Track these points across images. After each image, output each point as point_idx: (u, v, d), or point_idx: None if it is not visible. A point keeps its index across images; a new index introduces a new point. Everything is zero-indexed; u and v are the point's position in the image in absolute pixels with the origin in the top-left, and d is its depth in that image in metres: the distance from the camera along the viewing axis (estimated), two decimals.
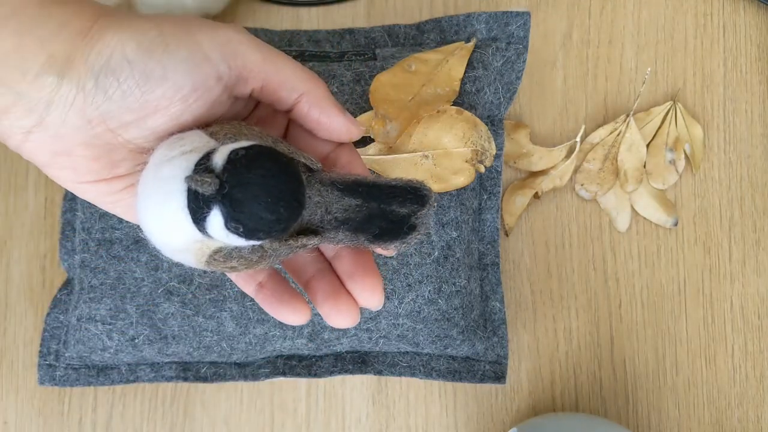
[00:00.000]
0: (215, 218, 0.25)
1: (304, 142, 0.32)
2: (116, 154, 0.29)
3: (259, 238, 0.26)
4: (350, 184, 0.29)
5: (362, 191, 0.29)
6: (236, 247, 0.27)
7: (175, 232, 0.27)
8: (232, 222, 0.25)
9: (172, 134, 0.28)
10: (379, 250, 0.31)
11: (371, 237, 0.29)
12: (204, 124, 0.29)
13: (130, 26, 0.27)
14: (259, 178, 0.25)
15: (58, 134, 0.28)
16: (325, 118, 0.31)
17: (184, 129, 0.29)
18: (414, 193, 0.29)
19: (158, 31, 0.27)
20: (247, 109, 0.32)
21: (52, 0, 0.27)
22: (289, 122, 0.33)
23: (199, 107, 0.28)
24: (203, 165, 0.26)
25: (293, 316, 0.31)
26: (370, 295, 0.30)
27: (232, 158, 0.25)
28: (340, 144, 0.32)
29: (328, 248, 0.32)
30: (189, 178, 0.25)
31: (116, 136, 0.28)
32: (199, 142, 0.27)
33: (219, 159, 0.26)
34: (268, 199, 0.25)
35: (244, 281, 0.32)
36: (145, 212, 0.27)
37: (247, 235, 0.26)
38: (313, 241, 0.29)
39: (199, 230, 0.26)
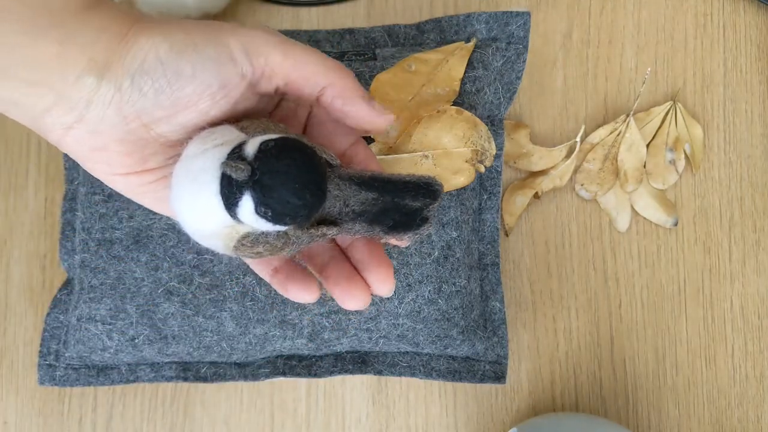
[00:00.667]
0: (246, 203, 0.27)
1: (322, 139, 0.34)
2: (148, 148, 0.31)
3: (285, 223, 0.28)
4: (367, 179, 0.31)
5: (378, 186, 0.31)
6: (263, 233, 0.29)
7: (207, 218, 0.29)
8: (262, 206, 0.27)
9: (201, 128, 0.30)
10: (393, 241, 0.32)
11: (386, 228, 0.31)
12: (233, 120, 0.31)
13: (162, 30, 0.29)
14: (287, 167, 0.27)
15: (96, 130, 0.30)
16: (349, 107, 0.32)
17: (212, 124, 0.31)
18: (426, 188, 0.31)
19: (187, 33, 0.30)
20: (271, 105, 0.34)
21: (89, 7, 0.29)
22: (308, 120, 0.35)
23: (226, 103, 0.30)
24: (236, 154, 0.28)
25: (303, 293, 0.33)
26: (383, 282, 0.33)
27: (263, 148, 0.27)
28: (356, 142, 0.34)
29: (343, 239, 0.34)
30: (224, 164, 0.27)
31: (149, 131, 0.30)
32: (230, 135, 0.29)
33: (250, 149, 0.28)
34: (296, 185, 0.27)
35: (262, 267, 0.34)
36: (180, 200, 0.29)
37: (275, 219, 0.28)
38: (332, 231, 0.31)
39: (230, 215, 0.28)
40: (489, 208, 0.45)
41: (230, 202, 0.28)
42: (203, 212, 0.28)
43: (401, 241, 0.32)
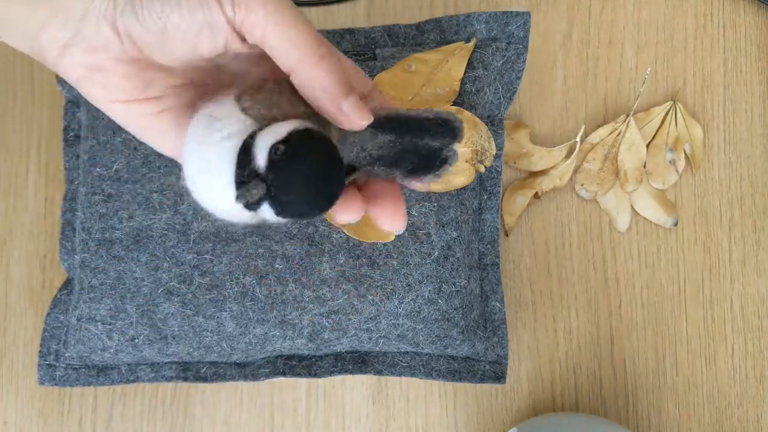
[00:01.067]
0: (266, 209, 0.27)
1: None
2: (146, 73, 0.30)
3: (305, 219, 0.28)
4: (383, 120, 0.30)
5: (395, 126, 0.30)
6: None
7: (225, 207, 0.28)
8: (281, 214, 0.27)
9: (197, 62, 0.30)
10: (414, 184, 0.32)
11: (405, 172, 0.30)
12: (240, 89, 0.30)
13: None
14: (301, 178, 0.27)
15: (92, 47, 0.29)
16: (315, 103, 0.30)
17: (205, 61, 0.30)
18: (445, 126, 0.30)
19: None
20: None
21: None
22: None
23: (214, 43, 0.29)
24: (247, 167, 0.27)
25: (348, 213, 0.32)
26: (393, 214, 0.31)
27: (273, 157, 0.27)
28: (373, 90, 0.33)
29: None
30: (239, 196, 0.27)
31: (141, 52, 0.30)
32: (235, 124, 0.28)
33: (260, 157, 0.27)
34: (312, 195, 0.27)
35: None
36: (196, 188, 0.29)
37: (295, 219, 0.28)
38: (350, 177, 0.30)
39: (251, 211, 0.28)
40: (489, 208, 0.45)
41: (249, 207, 0.27)
42: (222, 203, 0.28)
43: (422, 184, 0.31)
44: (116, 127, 0.42)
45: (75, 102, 0.46)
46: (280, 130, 0.27)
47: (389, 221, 0.31)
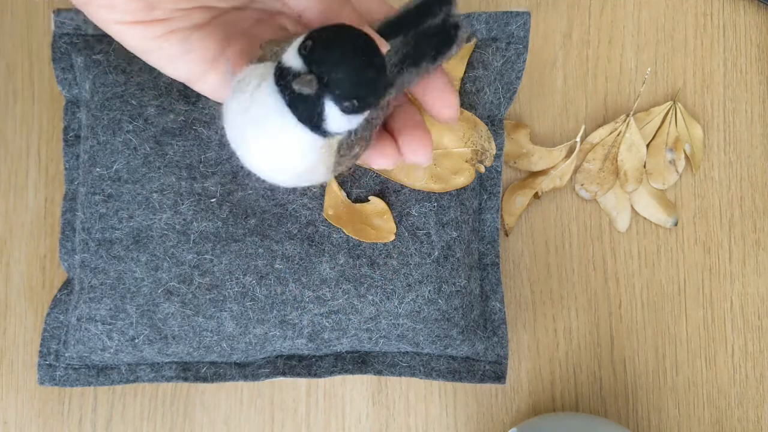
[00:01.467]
0: (331, 110, 0.26)
1: None
2: None
3: (371, 103, 0.27)
4: (384, 29, 0.30)
5: (395, 28, 0.30)
6: (352, 131, 0.28)
7: (300, 156, 0.27)
8: (346, 100, 0.26)
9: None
10: (447, 71, 0.31)
11: (431, 59, 0.30)
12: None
13: None
14: (342, 51, 0.26)
15: None
16: None
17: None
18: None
19: None
20: None
21: None
22: None
23: None
24: (286, 75, 0.26)
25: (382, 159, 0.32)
26: (419, 146, 0.31)
27: (305, 52, 0.26)
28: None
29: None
30: (297, 83, 0.26)
31: None
32: (260, 69, 0.28)
33: (294, 62, 0.26)
34: (362, 60, 0.26)
35: None
36: (263, 157, 0.28)
37: (361, 105, 0.26)
38: (392, 93, 0.30)
39: (321, 135, 0.27)
40: (489, 208, 0.45)
41: (316, 122, 0.26)
42: (294, 152, 0.27)
43: (449, 59, 0.31)
44: (116, 127, 0.42)
45: (75, 102, 0.46)
46: (298, 39, 0.27)
47: (417, 151, 0.31)
